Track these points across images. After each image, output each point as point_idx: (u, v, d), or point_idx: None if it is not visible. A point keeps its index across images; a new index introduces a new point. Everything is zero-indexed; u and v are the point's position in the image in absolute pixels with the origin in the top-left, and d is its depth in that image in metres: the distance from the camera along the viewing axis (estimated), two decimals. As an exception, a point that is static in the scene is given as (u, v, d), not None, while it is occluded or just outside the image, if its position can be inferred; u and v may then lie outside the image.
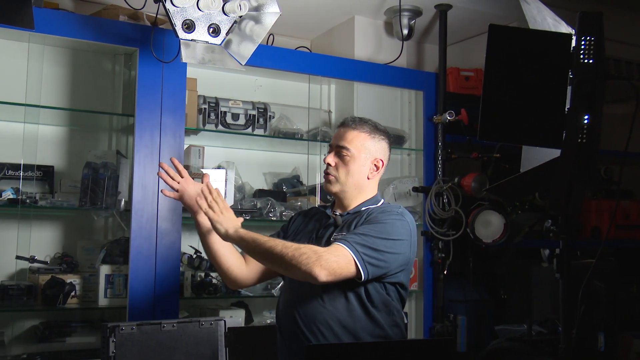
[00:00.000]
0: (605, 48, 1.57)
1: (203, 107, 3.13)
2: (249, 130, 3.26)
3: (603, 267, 2.82)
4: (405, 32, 3.55)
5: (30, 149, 2.89)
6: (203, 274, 3.06)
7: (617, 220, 3.73)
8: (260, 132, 3.28)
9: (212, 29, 2.55)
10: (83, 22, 2.75)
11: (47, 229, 3.06)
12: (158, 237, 2.76)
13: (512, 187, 2.03)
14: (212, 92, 3.23)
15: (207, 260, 3.12)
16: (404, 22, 3.54)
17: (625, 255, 3.70)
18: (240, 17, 2.58)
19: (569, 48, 1.55)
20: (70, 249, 3.06)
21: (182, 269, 2.96)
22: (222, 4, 2.51)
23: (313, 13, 3.59)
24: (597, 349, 2.57)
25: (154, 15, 2.77)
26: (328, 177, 2.25)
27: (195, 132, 3.15)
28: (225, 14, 2.54)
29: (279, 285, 3.16)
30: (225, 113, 3.19)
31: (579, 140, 1.52)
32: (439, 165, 3.40)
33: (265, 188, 3.51)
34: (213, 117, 3.16)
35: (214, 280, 3.05)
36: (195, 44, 2.52)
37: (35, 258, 2.83)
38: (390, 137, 2.37)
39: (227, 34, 2.58)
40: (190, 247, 3.17)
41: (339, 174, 2.24)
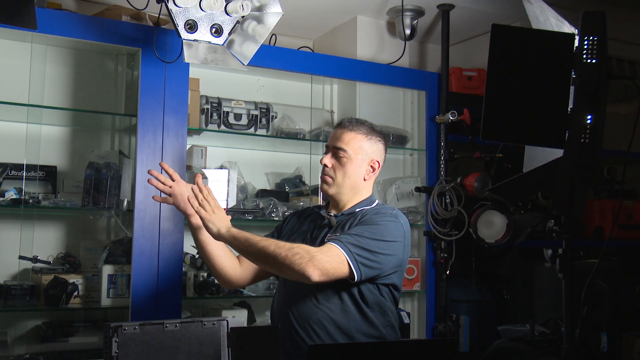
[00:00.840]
0: (608, 47, 1.57)
1: (205, 107, 3.14)
2: (252, 131, 3.26)
3: (606, 267, 2.81)
4: (408, 32, 3.55)
5: (33, 149, 2.90)
6: (205, 274, 3.06)
7: (620, 220, 3.73)
8: (263, 132, 3.28)
9: (214, 29, 2.55)
10: (86, 22, 2.75)
11: (49, 229, 3.07)
12: (160, 237, 2.77)
13: (514, 187, 2.02)
14: (214, 92, 3.23)
15: (209, 260, 3.12)
16: (407, 22, 3.54)
17: (628, 255, 3.69)
18: (243, 17, 2.58)
19: (572, 48, 1.54)
20: (73, 249, 3.06)
21: (184, 269, 2.96)
22: (224, 4, 2.52)
23: (315, 13, 3.59)
24: (599, 349, 2.57)
25: (157, 16, 2.78)
26: (325, 178, 2.25)
27: (198, 132, 3.16)
28: (228, 14, 2.54)
29: (282, 285, 3.16)
30: (228, 113, 3.20)
31: (582, 140, 1.52)
32: (442, 165, 3.39)
33: (268, 188, 3.51)
34: (215, 117, 3.16)
35: (217, 281, 3.05)
36: (198, 44, 2.52)
37: (38, 258, 2.83)
38: (387, 138, 2.38)
39: (229, 34, 2.58)
40: (193, 247, 3.15)
41: (336, 176, 2.24)
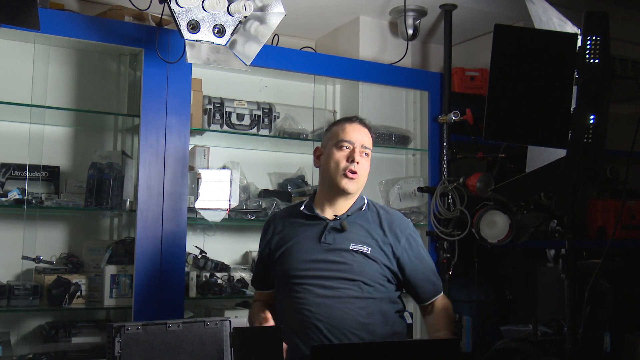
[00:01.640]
0: (611, 47, 1.56)
1: (208, 107, 3.14)
2: (254, 131, 3.26)
3: (609, 267, 2.81)
4: (410, 32, 3.55)
5: (36, 150, 2.90)
6: (208, 274, 3.06)
7: (623, 221, 3.72)
8: (265, 132, 3.29)
9: (217, 30, 2.55)
10: (88, 22, 2.76)
11: (52, 229, 3.07)
12: (163, 237, 2.77)
13: (517, 187, 2.02)
14: (217, 92, 3.23)
15: (212, 261, 3.12)
16: (409, 22, 3.54)
17: (631, 255, 3.68)
18: (245, 17, 2.58)
19: (575, 48, 1.54)
20: (76, 249, 3.07)
21: (187, 269, 2.96)
22: (227, 5, 2.52)
23: (318, 13, 3.59)
24: (602, 350, 2.56)
25: (159, 16, 2.78)
26: (354, 176, 2.21)
27: (201, 132, 3.16)
28: (230, 15, 2.55)
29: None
30: (230, 113, 3.20)
31: (585, 140, 1.52)
32: (444, 166, 3.39)
33: (270, 188, 3.51)
34: (218, 117, 3.16)
35: (219, 281, 3.05)
36: (201, 45, 2.52)
37: (41, 258, 2.83)
38: None
39: (232, 35, 2.59)
40: (196, 247, 3.17)
41: (361, 174, 2.24)
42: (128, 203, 2.90)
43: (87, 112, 3.11)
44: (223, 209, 3.14)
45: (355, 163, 2.21)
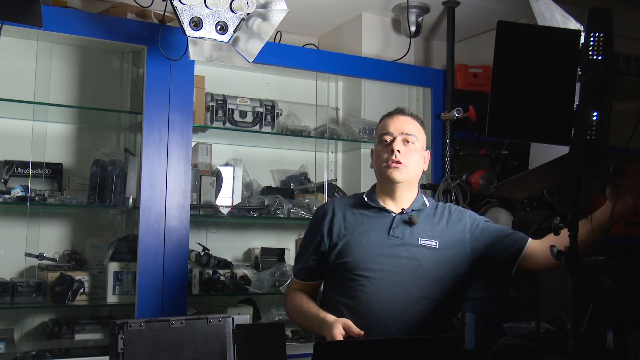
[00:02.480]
0: (615, 44, 1.56)
1: (211, 104, 3.14)
2: (257, 128, 3.26)
3: (612, 264, 2.80)
4: (413, 29, 3.55)
5: (39, 147, 2.90)
6: (211, 272, 3.06)
7: (626, 218, 3.71)
8: (268, 129, 3.29)
9: (219, 27, 2.55)
10: (91, 20, 2.76)
11: (55, 227, 3.08)
12: (166, 234, 2.77)
13: (520, 184, 2.02)
14: (219, 89, 3.23)
15: (215, 258, 3.13)
16: (412, 19, 3.53)
17: (635, 253, 3.68)
18: (248, 14, 2.58)
19: (578, 44, 1.54)
20: (79, 247, 3.07)
21: (189, 266, 2.97)
22: (229, 2, 2.52)
23: (320, 10, 3.58)
24: (606, 347, 2.56)
25: (162, 13, 2.78)
26: (398, 165, 2.18)
27: (203, 129, 3.16)
28: (233, 12, 2.54)
29: (287, 283, 3.16)
30: (233, 110, 3.20)
31: (588, 137, 1.51)
32: (447, 163, 3.39)
33: (273, 185, 3.51)
34: (221, 114, 3.16)
35: (222, 278, 3.06)
36: (203, 42, 2.52)
37: (44, 255, 2.84)
38: None
39: (234, 32, 2.59)
40: (198, 244, 3.17)
41: (408, 162, 2.20)
42: (131, 200, 2.91)
43: (89, 109, 3.12)
44: (226, 206, 3.14)
45: (396, 152, 2.18)
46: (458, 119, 3.32)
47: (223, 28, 2.56)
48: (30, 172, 2.87)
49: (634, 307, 2.72)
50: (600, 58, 1.51)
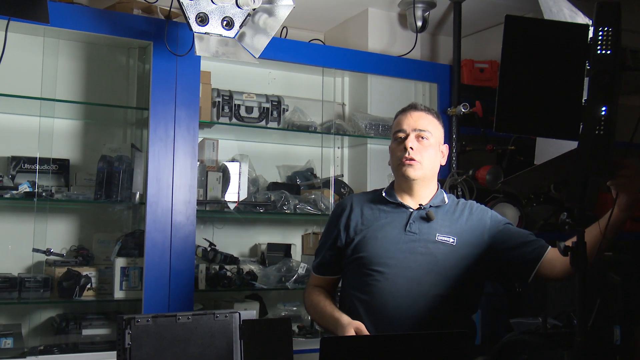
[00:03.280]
0: (622, 38, 1.55)
1: (217, 100, 3.14)
2: (263, 123, 3.26)
3: (619, 260, 2.79)
4: (419, 24, 3.54)
5: (46, 143, 2.91)
6: (217, 267, 3.07)
7: (634, 214, 3.70)
8: (274, 125, 3.28)
9: (225, 22, 2.55)
10: (97, 16, 2.76)
11: (63, 222, 3.09)
12: (173, 230, 2.78)
13: (527, 179, 2.01)
14: (225, 85, 3.23)
15: (221, 253, 3.13)
16: (418, 14, 3.52)
17: (642, 248, 3.67)
18: (254, 9, 2.58)
19: (586, 39, 1.53)
20: (86, 242, 3.08)
21: (196, 262, 2.97)
22: (235, -3, 2.51)
23: (326, 5, 3.58)
24: (612, 343, 2.55)
25: (168, 9, 2.78)
26: (411, 162, 2.17)
27: (209, 125, 3.16)
28: (239, 7, 2.54)
29: (293, 278, 3.17)
30: (239, 106, 3.20)
31: (597, 132, 1.50)
32: (454, 158, 3.38)
33: (279, 181, 3.51)
34: (227, 110, 3.16)
35: (229, 273, 3.06)
36: (209, 37, 2.52)
37: (52, 251, 2.85)
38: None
39: (240, 27, 2.58)
40: (205, 239, 3.18)
41: (423, 158, 2.19)
42: (137, 196, 2.91)
43: (96, 105, 3.12)
44: (232, 202, 3.14)
45: (410, 149, 2.17)
46: (464, 114, 3.31)
47: (229, 24, 2.56)
48: (38, 167, 2.88)
49: (641, 302, 2.71)
50: (609, 52, 1.50)
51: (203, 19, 2.50)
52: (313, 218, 3.46)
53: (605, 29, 1.51)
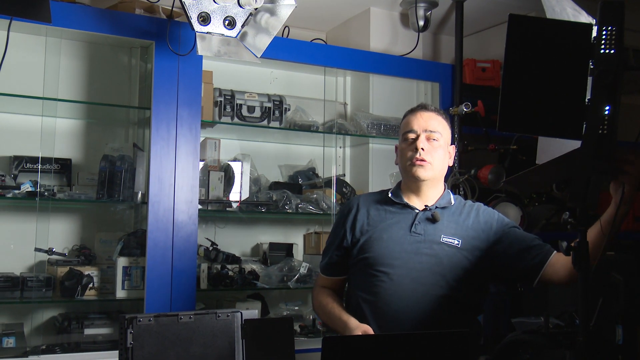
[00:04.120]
0: (625, 38, 1.54)
1: (219, 99, 3.14)
2: (265, 123, 3.26)
3: (621, 259, 2.79)
4: (421, 23, 3.54)
5: (48, 142, 2.91)
6: (219, 266, 3.07)
7: (635, 212, 3.70)
8: (276, 124, 3.28)
9: (227, 22, 2.55)
10: (99, 15, 2.76)
11: (65, 222, 3.09)
12: (175, 229, 2.78)
13: (530, 179, 2.01)
14: (227, 84, 3.23)
15: (223, 253, 3.13)
16: (420, 13, 3.52)
17: (644, 248, 3.66)
18: (256, 9, 2.58)
19: (590, 38, 1.52)
20: (88, 241, 3.08)
21: (198, 261, 2.97)
22: (237, -4, 2.51)
23: (328, 5, 3.58)
24: (615, 342, 2.55)
25: (170, 8, 2.78)
26: (422, 162, 2.17)
27: (211, 124, 3.16)
28: (241, 6, 2.54)
29: (295, 278, 3.17)
30: (241, 105, 3.20)
31: (600, 132, 1.50)
32: (456, 157, 3.37)
33: (281, 180, 3.51)
34: (229, 109, 3.16)
35: (230, 273, 3.06)
36: (211, 37, 2.52)
37: (54, 250, 2.85)
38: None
39: (242, 27, 2.58)
40: (207, 239, 3.18)
41: (433, 159, 2.19)
42: (140, 195, 2.91)
43: (98, 104, 3.12)
44: (234, 201, 3.14)
45: (420, 150, 2.17)
46: (466, 114, 3.30)
47: (231, 23, 2.56)
48: (40, 167, 2.88)
49: (644, 302, 2.71)
50: (613, 52, 1.50)
51: (205, 19, 2.50)
52: (315, 217, 3.46)
53: (609, 28, 1.50)
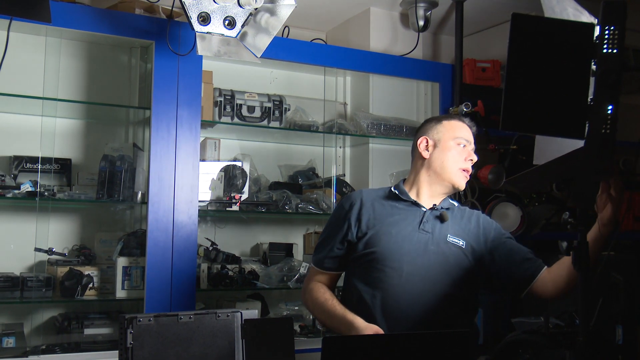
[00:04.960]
0: (626, 38, 1.54)
1: (219, 99, 3.14)
2: (265, 123, 3.26)
3: (621, 259, 2.79)
4: (421, 23, 3.53)
5: (48, 142, 2.91)
6: (219, 266, 3.07)
7: (636, 213, 3.70)
8: (276, 124, 3.28)
9: (227, 22, 2.55)
10: (99, 15, 2.76)
11: (65, 222, 3.09)
12: (175, 229, 2.78)
13: (530, 179, 2.01)
14: (227, 84, 3.23)
15: (223, 253, 3.13)
16: (420, 13, 3.52)
17: (644, 248, 3.66)
18: (256, 9, 2.57)
19: (592, 38, 1.52)
20: (88, 241, 3.08)
21: (198, 261, 2.97)
22: (237, -4, 2.51)
23: (328, 5, 3.57)
24: (615, 342, 2.55)
25: (170, 8, 2.78)
26: (468, 175, 2.26)
27: (211, 124, 3.16)
28: (241, 6, 2.54)
29: (295, 278, 3.17)
30: (241, 105, 3.20)
31: (603, 131, 1.50)
32: (455, 157, 3.38)
33: (281, 180, 3.51)
34: (229, 109, 3.16)
35: (230, 273, 3.06)
36: (211, 37, 2.52)
37: (54, 250, 2.85)
38: None
39: (242, 27, 2.58)
40: (207, 239, 3.18)
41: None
42: (139, 195, 2.91)
43: (98, 104, 3.12)
44: (234, 201, 3.14)
45: (469, 162, 2.25)
46: (466, 114, 3.30)
47: (231, 23, 2.56)
48: (40, 167, 2.88)
49: (644, 302, 2.71)
50: (615, 51, 1.50)
51: (205, 19, 2.50)
52: (315, 217, 3.46)
53: (612, 28, 1.50)
